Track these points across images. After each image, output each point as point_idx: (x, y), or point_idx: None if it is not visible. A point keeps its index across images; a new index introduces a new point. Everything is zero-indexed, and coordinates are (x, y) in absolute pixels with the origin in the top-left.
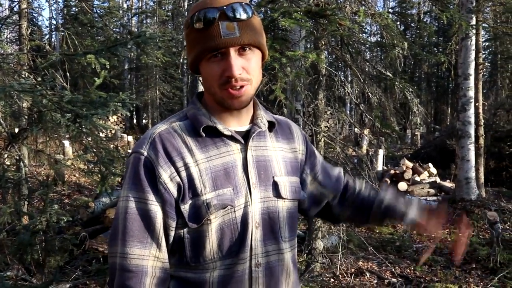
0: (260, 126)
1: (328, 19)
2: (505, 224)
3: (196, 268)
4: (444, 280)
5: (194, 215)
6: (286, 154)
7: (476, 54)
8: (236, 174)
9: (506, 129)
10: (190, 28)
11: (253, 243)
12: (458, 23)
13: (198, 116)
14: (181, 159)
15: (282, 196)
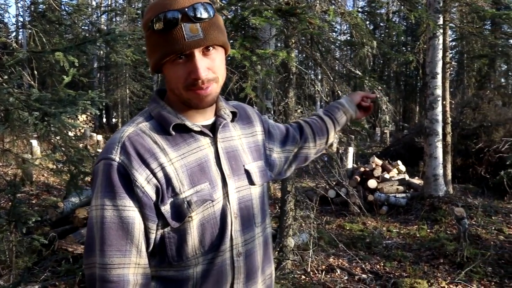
0: (225, 118)
1: (298, 18)
2: (471, 219)
3: (179, 266)
4: (413, 275)
5: (176, 214)
6: (249, 140)
7: (443, 53)
8: (210, 168)
9: (472, 127)
10: (151, 30)
11: (233, 234)
12: (425, 23)
13: (164, 114)
14: (155, 160)
15: (254, 183)
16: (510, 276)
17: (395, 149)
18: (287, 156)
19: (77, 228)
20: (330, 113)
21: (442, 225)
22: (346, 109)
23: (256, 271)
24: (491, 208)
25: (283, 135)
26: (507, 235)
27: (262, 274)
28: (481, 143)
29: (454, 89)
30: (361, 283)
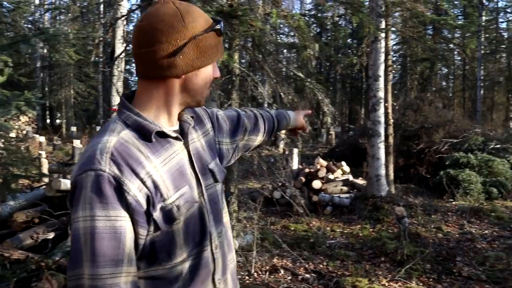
0: (189, 123)
1: (239, 20)
2: (412, 218)
3: (167, 265)
4: (355, 274)
5: (165, 218)
6: (205, 140)
7: (385, 56)
8: (186, 171)
9: (414, 128)
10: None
11: (211, 229)
12: (367, 27)
13: (142, 123)
14: (143, 169)
15: (218, 180)
16: (447, 272)
17: (340, 150)
18: (235, 146)
19: (15, 232)
20: (278, 119)
21: (384, 224)
22: (289, 124)
23: (225, 259)
24: (430, 207)
25: (233, 125)
26: (445, 233)
27: (228, 259)
28: (422, 144)
29: (397, 91)
30: (304, 283)
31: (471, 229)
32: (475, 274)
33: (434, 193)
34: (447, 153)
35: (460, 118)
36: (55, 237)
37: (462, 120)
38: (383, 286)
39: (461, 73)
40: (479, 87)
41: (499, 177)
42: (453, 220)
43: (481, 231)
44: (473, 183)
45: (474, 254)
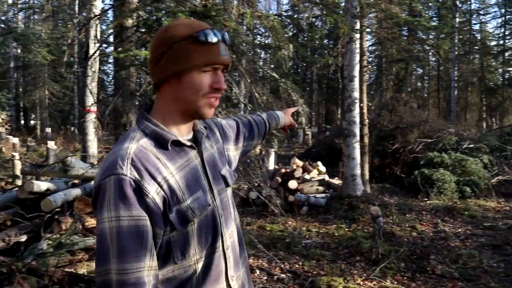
0: (203, 132)
1: (213, 20)
2: (387, 218)
3: (182, 264)
4: (330, 273)
5: (180, 219)
6: (217, 147)
7: (360, 57)
8: (200, 177)
9: (389, 128)
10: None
11: (223, 231)
12: (341, 28)
13: (160, 132)
14: (159, 174)
15: (229, 184)
16: (421, 270)
17: (316, 150)
18: (239, 152)
19: None
20: (269, 121)
21: (359, 223)
22: (279, 123)
23: (237, 257)
24: (405, 206)
25: (235, 133)
26: (419, 231)
27: (240, 258)
28: (397, 144)
29: (373, 91)
30: (279, 283)
31: (445, 227)
32: (448, 272)
33: (409, 193)
34: (422, 152)
35: (435, 118)
36: (28, 240)
37: (437, 120)
38: (358, 285)
39: (436, 74)
40: (453, 88)
41: (472, 176)
42: (427, 219)
43: (454, 229)
44: (447, 182)
45: (447, 252)
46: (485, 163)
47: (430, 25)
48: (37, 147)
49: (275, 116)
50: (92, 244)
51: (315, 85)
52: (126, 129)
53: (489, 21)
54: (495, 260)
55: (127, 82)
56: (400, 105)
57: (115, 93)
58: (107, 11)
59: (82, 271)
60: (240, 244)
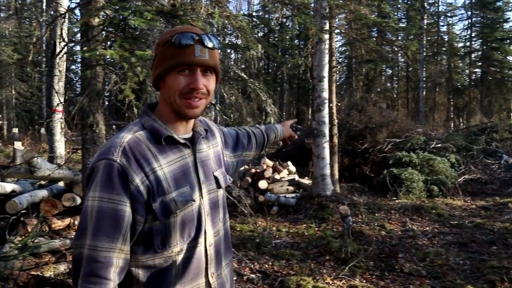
0: (201, 133)
1: (180, 20)
2: (356, 217)
3: (162, 254)
4: (300, 273)
5: (163, 210)
6: (214, 150)
7: (329, 57)
8: (190, 175)
9: (359, 128)
10: (169, 44)
11: (206, 228)
12: (310, 28)
13: (156, 127)
14: (148, 165)
15: (221, 186)
16: (389, 268)
17: (287, 150)
18: (237, 160)
19: None
20: (268, 133)
21: (329, 223)
22: (278, 136)
23: (221, 257)
24: (374, 205)
25: (234, 142)
26: (388, 230)
27: (225, 259)
28: (367, 144)
29: (343, 92)
30: (249, 283)
31: (413, 226)
32: (416, 270)
33: (378, 192)
34: (391, 152)
35: (403, 118)
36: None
37: (405, 120)
38: (327, 284)
39: (405, 75)
40: (422, 88)
41: (439, 175)
42: (396, 218)
43: (422, 228)
44: (415, 181)
45: (415, 251)
46: (452, 162)
47: (399, 26)
48: (4, 147)
49: (274, 129)
50: (59, 246)
51: (286, 85)
52: (92, 130)
53: (456, 23)
54: (461, 257)
55: (94, 82)
56: (370, 105)
57: (81, 93)
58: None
59: (49, 274)
60: (226, 246)
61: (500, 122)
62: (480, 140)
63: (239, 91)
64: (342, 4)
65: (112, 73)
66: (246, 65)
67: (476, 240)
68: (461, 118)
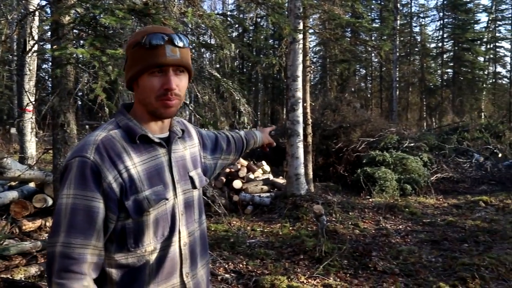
0: (177, 133)
1: (152, 18)
2: (330, 216)
3: (136, 253)
4: (274, 272)
5: (136, 208)
6: (191, 151)
7: (303, 57)
8: (164, 174)
9: (333, 127)
10: (139, 46)
11: (181, 228)
12: (283, 28)
13: (131, 126)
14: (122, 163)
15: (197, 187)
16: (363, 267)
17: (262, 150)
18: (216, 163)
19: None
20: (247, 139)
21: (303, 222)
22: (257, 142)
23: (196, 257)
24: (348, 204)
25: (213, 144)
26: (362, 229)
27: (201, 260)
28: (341, 143)
29: (318, 91)
30: (223, 283)
31: (386, 224)
32: (389, 268)
33: (352, 191)
34: (364, 151)
35: (377, 117)
36: None
37: (379, 120)
38: (301, 283)
39: (378, 75)
40: (395, 88)
41: (412, 174)
42: (369, 216)
43: (395, 226)
44: (389, 180)
45: (388, 249)
46: (424, 161)
47: (372, 26)
48: None
49: (253, 135)
50: (30, 248)
51: (260, 85)
52: (64, 129)
53: (428, 24)
54: (433, 255)
55: (65, 81)
56: (344, 104)
57: (52, 92)
58: (44, 7)
59: (19, 277)
60: (203, 247)
61: (471, 121)
62: (452, 139)
63: (213, 90)
64: (316, 4)
65: (83, 72)
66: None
67: (448, 238)
68: (433, 117)
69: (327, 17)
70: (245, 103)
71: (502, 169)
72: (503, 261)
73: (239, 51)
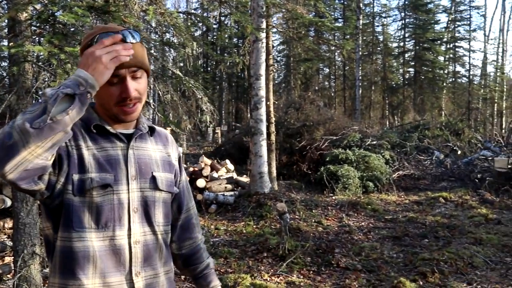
0: (141, 130)
1: (112, 16)
2: (294, 214)
3: (80, 236)
4: (238, 270)
5: (80, 186)
6: (163, 155)
7: (266, 56)
8: (118, 166)
9: (296, 126)
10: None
11: (132, 225)
12: (245, 26)
13: (89, 116)
14: (75, 141)
15: (159, 188)
16: (326, 264)
17: (226, 149)
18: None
19: None
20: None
21: (267, 220)
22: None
23: (154, 260)
24: (312, 202)
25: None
26: (325, 226)
27: (163, 266)
28: (304, 141)
29: (282, 90)
30: (186, 282)
31: (349, 221)
32: (352, 264)
33: (316, 189)
34: (327, 150)
35: (340, 116)
36: None
37: (342, 118)
38: (265, 281)
39: (342, 73)
40: (358, 87)
41: (374, 171)
42: (332, 214)
43: (358, 223)
44: (351, 178)
45: (351, 246)
46: (386, 159)
47: (334, 25)
48: None
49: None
50: None
51: (225, 84)
52: None
53: (390, 24)
54: (395, 251)
55: (22, 79)
56: (307, 103)
57: (9, 91)
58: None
59: None
60: (167, 254)
61: (432, 119)
62: (413, 137)
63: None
64: (279, 3)
65: (42, 70)
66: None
67: (409, 234)
68: (395, 116)
69: (290, 16)
70: (207, 102)
71: (461, 166)
72: (461, 256)
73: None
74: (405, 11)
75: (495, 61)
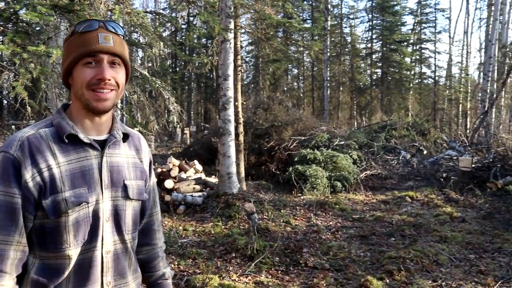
0: (116, 137)
1: (76, 15)
2: (262, 214)
3: (56, 254)
4: (206, 271)
5: (54, 209)
6: (135, 161)
7: (235, 56)
8: (91, 176)
9: (265, 126)
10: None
11: (104, 234)
12: (213, 26)
13: (62, 124)
14: (44, 162)
15: (130, 197)
16: (294, 263)
17: (194, 149)
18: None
19: None
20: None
21: (235, 220)
22: None
23: (124, 268)
24: (280, 202)
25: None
26: (293, 226)
27: (132, 273)
28: (273, 142)
29: (251, 90)
30: None
31: (317, 221)
32: (320, 264)
33: (284, 189)
34: (296, 150)
35: (308, 116)
36: None
37: (310, 119)
38: (233, 281)
39: (310, 74)
40: (326, 88)
41: (342, 171)
42: (301, 213)
43: (326, 222)
44: (320, 178)
45: (319, 245)
46: (354, 159)
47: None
48: None
49: None
50: None
51: (193, 84)
52: None
53: (358, 25)
54: (362, 249)
55: None
56: (276, 104)
57: None
58: None
59: None
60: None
61: (398, 120)
62: (380, 137)
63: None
64: (247, 3)
65: (4, 69)
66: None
67: (376, 233)
68: (363, 116)
69: (258, 17)
70: (175, 102)
71: (427, 166)
72: (427, 253)
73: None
74: (373, 13)
75: (459, 62)
